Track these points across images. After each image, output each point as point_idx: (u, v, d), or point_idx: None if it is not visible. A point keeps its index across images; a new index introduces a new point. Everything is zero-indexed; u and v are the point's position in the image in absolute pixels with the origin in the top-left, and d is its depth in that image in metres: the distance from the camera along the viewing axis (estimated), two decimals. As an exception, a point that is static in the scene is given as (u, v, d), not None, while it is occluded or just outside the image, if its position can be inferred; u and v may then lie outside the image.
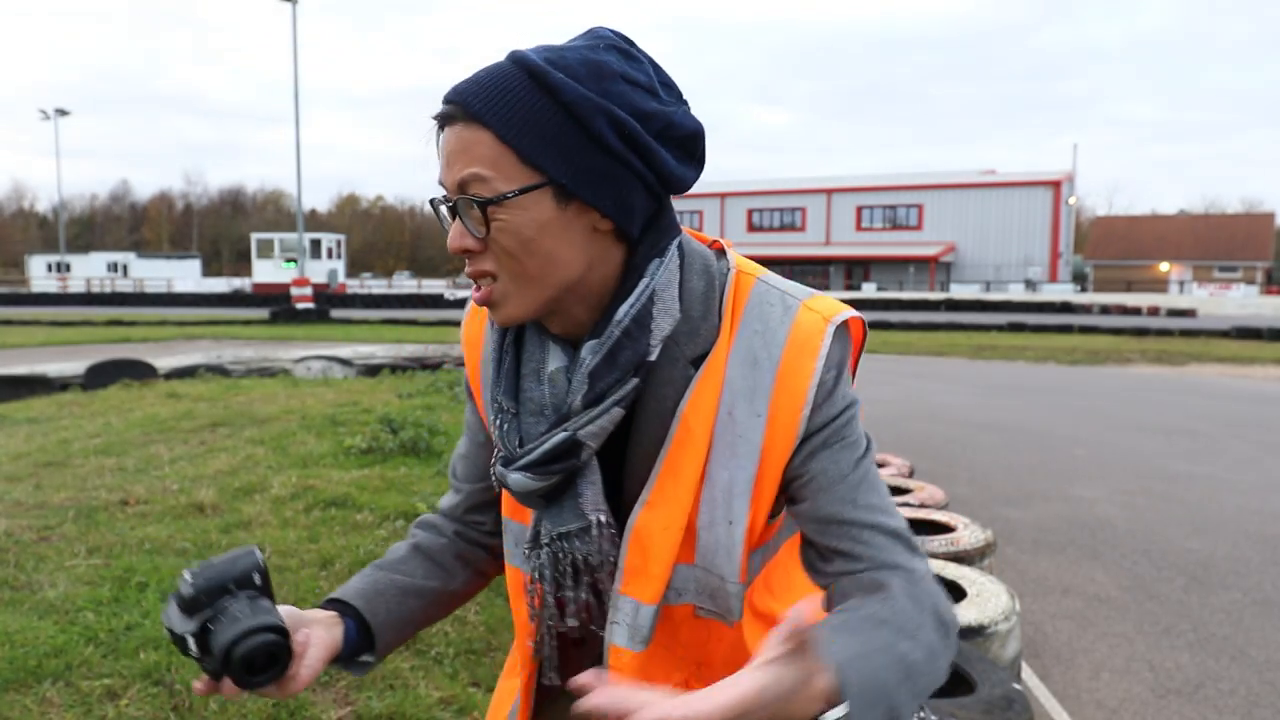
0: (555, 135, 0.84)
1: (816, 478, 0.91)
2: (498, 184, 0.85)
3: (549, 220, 0.86)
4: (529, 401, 0.94)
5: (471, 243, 0.88)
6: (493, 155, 0.84)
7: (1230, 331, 22.53)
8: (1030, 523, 5.70)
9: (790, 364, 0.89)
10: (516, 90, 0.84)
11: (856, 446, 0.93)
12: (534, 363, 0.95)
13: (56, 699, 2.59)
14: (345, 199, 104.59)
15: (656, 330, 0.89)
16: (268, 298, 37.11)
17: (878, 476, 0.94)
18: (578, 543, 0.94)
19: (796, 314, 0.91)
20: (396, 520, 4.35)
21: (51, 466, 5.43)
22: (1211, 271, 54.40)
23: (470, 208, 0.86)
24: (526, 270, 0.87)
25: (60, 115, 53.37)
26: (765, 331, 0.91)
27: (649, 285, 0.90)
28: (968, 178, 54.57)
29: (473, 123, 0.85)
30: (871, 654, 0.78)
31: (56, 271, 59.83)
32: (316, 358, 12.37)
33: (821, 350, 0.89)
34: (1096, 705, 3.31)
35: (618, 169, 0.86)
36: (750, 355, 0.90)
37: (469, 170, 0.85)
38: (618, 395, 0.89)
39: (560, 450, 0.90)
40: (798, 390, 0.89)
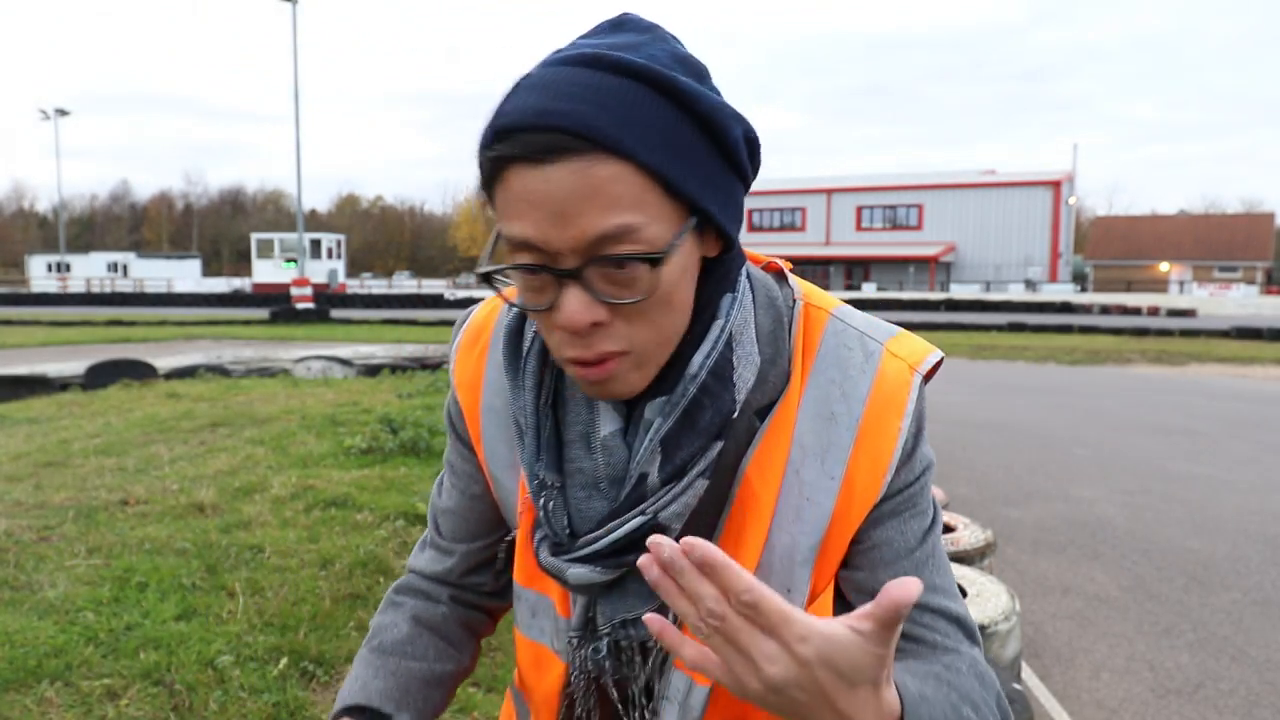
0: (700, 156, 0.68)
1: (880, 547, 0.80)
2: (652, 231, 0.66)
3: (690, 262, 0.71)
4: (578, 474, 0.78)
5: (603, 313, 0.68)
6: (639, 194, 0.65)
7: (1230, 331, 22.54)
8: (1030, 523, 5.70)
9: (873, 422, 0.78)
10: (646, 104, 0.66)
11: (925, 516, 0.82)
12: (580, 426, 0.79)
13: (56, 699, 2.59)
14: (345, 199, 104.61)
15: (740, 382, 0.75)
16: (268, 298, 37.12)
17: (944, 553, 0.83)
18: (643, 629, 0.78)
19: (880, 362, 0.79)
20: (396, 520, 4.35)
21: (51, 466, 5.43)
22: (1211, 271, 54.40)
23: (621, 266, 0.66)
24: (664, 331, 0.71)
25: (60, 115, 53.38)
26: (844, 381, 0.78)
27: (724, 328, 0.74)
28: (968, 178, 54.59)
29: (600, 153, 0.64)
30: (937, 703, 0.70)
31: (56, 271, 59.84)
32: (316, 358, 12.37)
33: (909, 407, 0.78)
34: (1096, 705, 3.31)
35: (736, 181, 0.72)
36: (825, 409, 0.78)
37: (614, 220, 0.65)
38: (701, 465, 0.74)
39: (638, 537, 0.74)
40: (882, 452, 0.78)
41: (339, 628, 3.17)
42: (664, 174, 0.66)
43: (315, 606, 3.30)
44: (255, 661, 2.87)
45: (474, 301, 8.38)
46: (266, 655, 2.91)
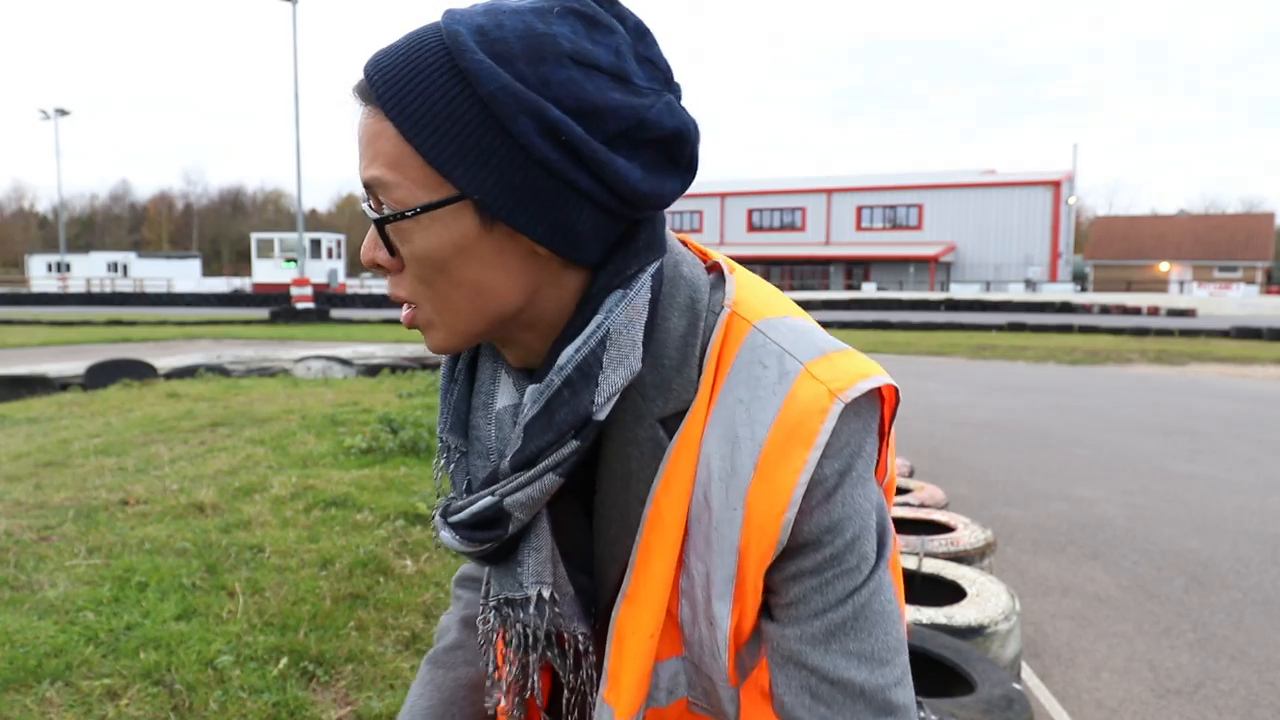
0: (472, 137, 0.64)
1: (795, 605, 0.73)
2: (403, 192, 0.67)
3: (471, 243, 0.68)
4: (476, 441, 0.78)
5: (384, 257, 0.71)
6: (398, 155, 0.66)
7: (1230, 331, 22.54)
8: (1030, 523, 5.70)
9: (775, 450, 0.69)
10: (431, 72, 0.65)
11: (853, 575, 0.72)
12: (484, 394, 0.79)
13: (56, 699, 2.59)
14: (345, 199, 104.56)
15: (604, 384, 0.70)
16: (268, 297, 37.13)
17: (880, 610, 0.73)
18: (521, 613, 0.77)
19: (793, 384, 0.70)
20: (396, 520, 4.35)
21: (51, 466, 5.43)
22: (1211, 271, 54.41)
23: (380, 218, 0.69)
24: (449, 299, 0.71)
25: (60, 115, 53.37)
26: (751, 402, 0.71)
27: (602, 325, 0.70)
28: (968, 178, 54.59)
29: (378, 109, 0.67)
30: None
31: (56, 271, 59.82)
32: (316, 358, 12.37)
33: (819, 437, 0.69)
34: (1096, 705, 3.31)
35: (552, 184, 0.66)
36: (731, 430, 0.71)
37: (372, 171, 0.68)
38: (551, 460, 0.71)
39: (486, 517, 0.74)
40: (780, 486, 0.69)
41: (339, 627, 3.17)
42: (415, 143, 0.65)
43: (315, 606, 3.30)
44: (255, 661, 2.87)
45: None
46: (266, 655, 2.92)
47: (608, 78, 0.66)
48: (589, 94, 0.65)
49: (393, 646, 3.12)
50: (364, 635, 3.14)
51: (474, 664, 0.97)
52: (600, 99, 0.65)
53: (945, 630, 2.68)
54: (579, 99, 0.65)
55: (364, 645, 3.07)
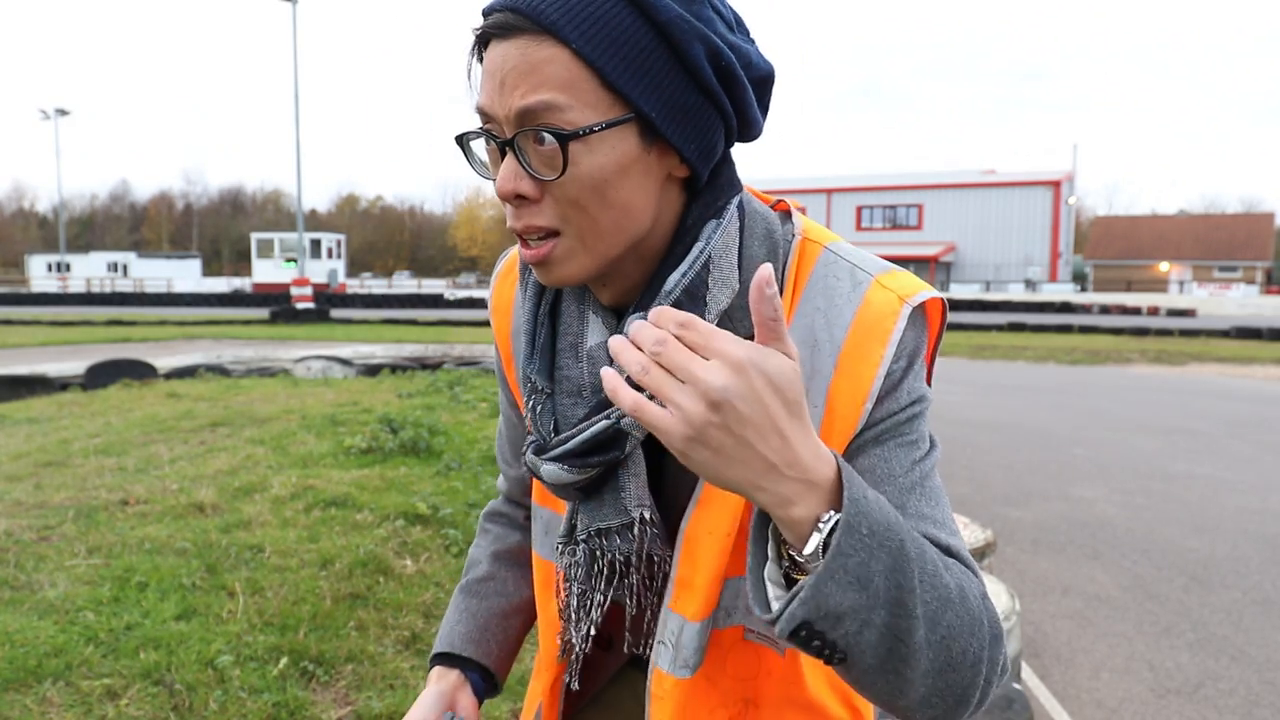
0: (647, 60, 0.70)
1: (864, 474, 0.77)
2: (575, 114, 0.70)
3: (631, 163, 0.73)
4: (565, 380, 0.81)
5: (529, 187, 0.73)
6: (570, 78, 0.70)
7: (1230, 331, 22.55)
8: (1030, 522, 5.70)
9: (855, 349, 0.77)
10: (601, 2, 0.70)
11: (915, 447, 0.79)
12: (571, 335, 0.82)
13: (56, 699, 2.59)
14: (345, 199, 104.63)
15: (712, 304, 0.77)
16: (268, 297, 37.12)
17: (939, 486, 0.80)
18: (618, 541, 0.81)
19: (867, 291, 0.78)
20: (396, 520, 4.35)
21: (51, 466, 5.43)
22: (1211, 271, 54.41)
23: (541, 141, 0.71)
24: (598, 223, 0.74)
25: (60, 115, 53.37)
26: (829, 309, 0.78)
27: (704, 250, 0.77)
28: (968, 178, 54.60)
29: (544, 36, 0.69)
30: (882, 507, 0.65)
31: (56, 271, 59.83)
32: (316, 358, 12.37)
33: (893, 335, 0.77)
34: (1096, 705, 3.31)
35: (707, 106, 0.74)
36: (810, 335, 0.78)
37: (539, 96, 0.69)
38: None
39: (601, 440, 0.77)
40: (862, 379, 0.77)
41: (339, 627, 3.17)
42: (596, 63, 0.69)
43: (315, 606, 3.30)
44: (255, 661, 2.87)
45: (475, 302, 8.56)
46: (266, 655, 2.92)
47: (726, 24, 0.75)
48: (723, 32, 0.73)
49: (393, 646, 3.12)
50: (364, 635, 3.14)
51: (506, 595, 1.05)
52: (729, 38, 0.74)
53: (945, 630, 2.68)
54: (720, 36, 0.73)
55: (364, 645, 3.07)
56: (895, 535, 0.65)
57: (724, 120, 0.76)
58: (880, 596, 0.64)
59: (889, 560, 0.64)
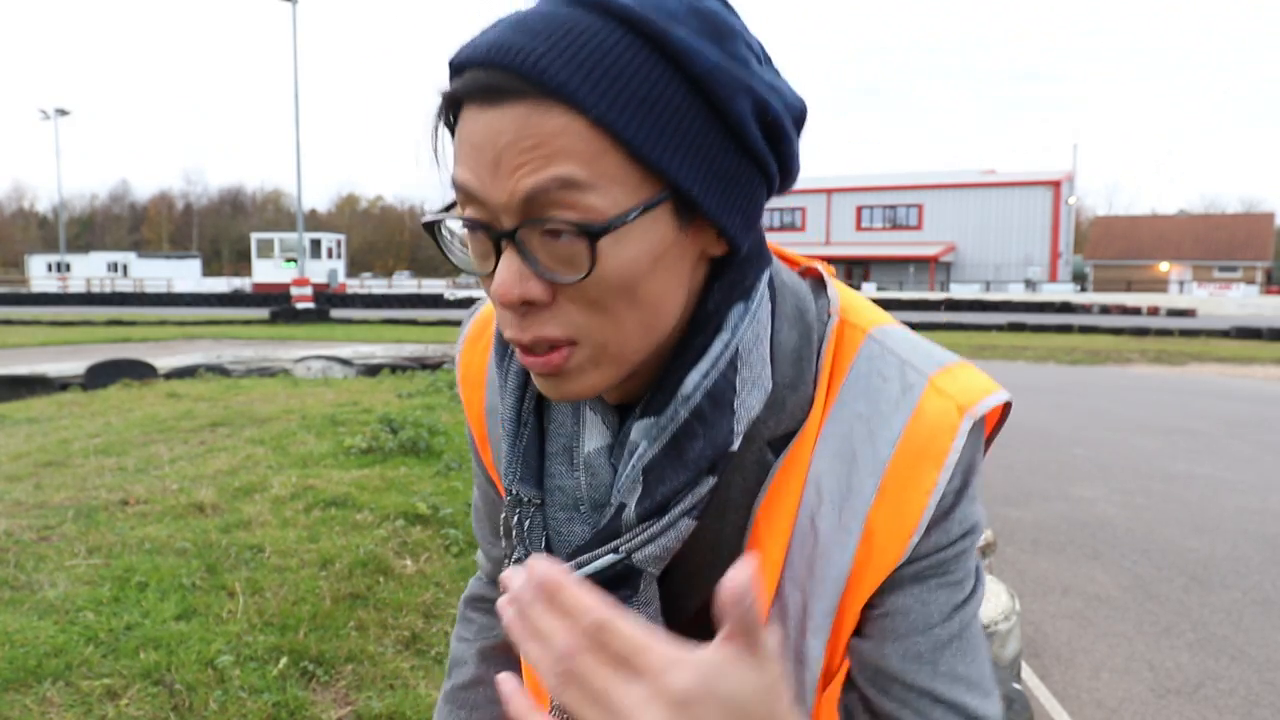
0: (683, 123, 0.55)
1: (893, 616, 0.66)
2: (598, 198, 0.55)
3: (666, 250, 0.58)
4: (557, 492, 0.68)
5: (539, 291, 0.57)
6: (590, 152, 0.54)
7: (1230, 331, 22.57)
8: (1030, 522, 5.70)
9: (903, 470, 0.64)
10: (618, 52, 0.54)
11: (959, 588, 0.67)
12: (563, 438, 0.68)
13: (56, 699, 2.59)
14: (345, 199, 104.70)
15: (742, 411, 0.62)
16: (268, 297, 37.12)
17: (978, 635, 0.68)
18: None
19: (920, 398, 0.65)
20: (396, 520, 4.35)
21: (51, 466, 5.43)
22: (1211, 271, 54.43)
23: (556, 235, 0.56)
24: (624, 325, 0.59)
25: (60, 115, 53.38)
26: (872, 418, 0.65)
27: (730, 343, 0.62)
28: (968, 178, 54.62)
29: (549, 100, 0.54)
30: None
31: (56, 271, 59.83)
32: (316, 358, 12.37)
33: (950, 457, 0.64)
34: (1096, 705, 3.31)
35: (753, 168, 0.59)
36: (848, 447, 0.65)
37: (551, 173, 0.54)
38: (688, 503, 0.63)
39: (611, 576, 0.64)
40: (910, 508, 0.64)
41: (339, 627, 3.17)
42: (623, 133, 0.54)
43: (315, 606, 3.30)
44: (255, 661, 2.87)
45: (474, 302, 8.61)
46: (266, 655, 2.92)
47: (757, 58, 0.60)
48: (759, 72, 0.58)
49: (393, 646, 3.12)
50: (364, 635, 3.14)
51: (495, 702, 0.90)
52: (770, 77, 0.59)
53: (945, 630, 2.68)
54: (759, 79, 0.58)
55: (364, 645, 3.07)
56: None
57: (768, 181, 0.62)
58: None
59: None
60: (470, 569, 3.90)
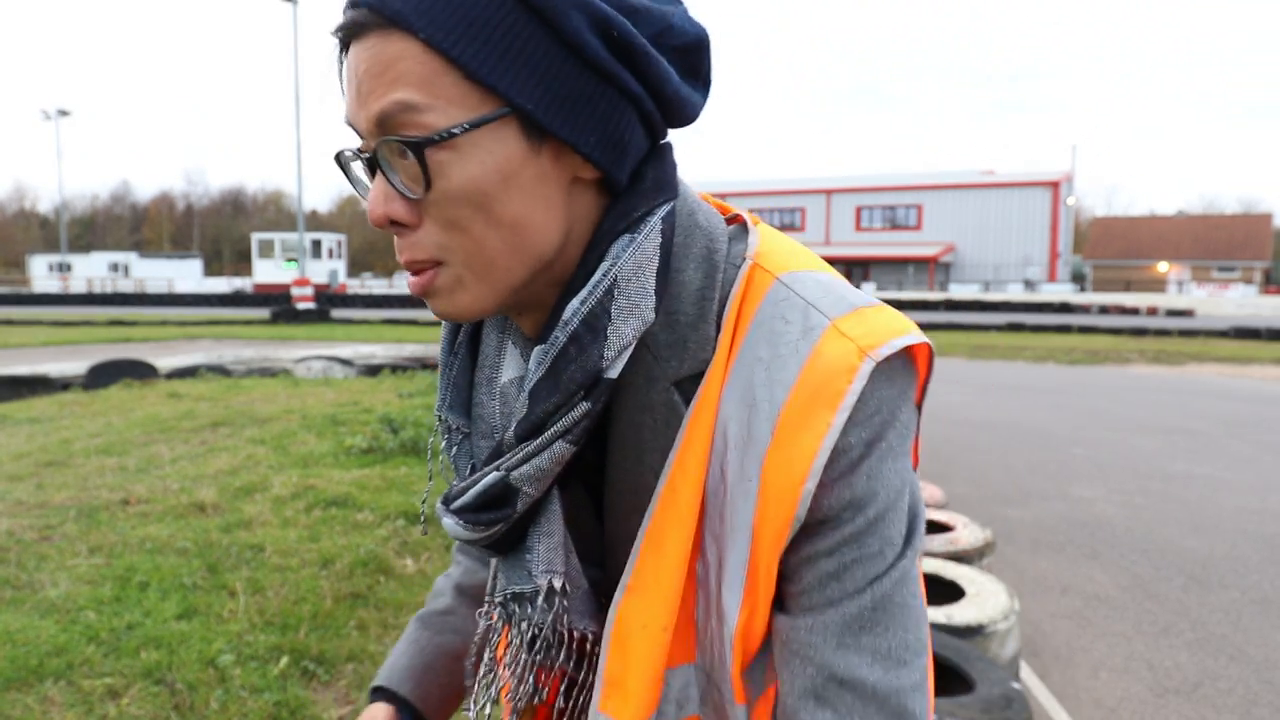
0: (516, 42, 0.58)
1: (809, 592, 0.64)
2: (435, 115, 0.58)
3: (516, 168, 0.60)
4: (480, 420, 0.71)
5: (401, 210, 0.61)
6: (425, 73, 0.58)
7: (1229, 331, 22.56)
8: (1029, 522, 5.71)
9: (796, 414, 0.61)
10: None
11: (875, 560, 0.63)
12: (488, 369, 0.71)
13: (58, 698, 2.60)
14: (346, 199, 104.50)
15: (614, 338, 0.63)
16: (269, 298, 37.16)
17: (904, 605, 0.64)
18: (529, 609, 0.69)
19: (818, 340, 0.62)
20: (397, 520, 4.36)
21: (53, 466, 5.44)
22: (1210, 271, 54.42)
23: (399, 153, 0.60)
24: (485, 245, 0.62)
25: (61, 116, 53.38)
26: (772, 361, 0.63)
27: (608, 273, 0.63)
28: (967, 178, 54.59)
29: (391, 29, 0.58)
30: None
31: (58, 271, 59.84)
32: (317, 358, 12.38)
33: (845, 399, 0.61)
34: (1095, 704, 3.32)
35: (605, 89, 0.61)
36: (749, 393, 0.63)
37: (392, 97, 0.58)
38: (560, 425, 0.64)
39: (491, 495, 0.66)
40: (800, 455, 0.61)
41: (339, 627, 3.18)
42: (452, 53, 0.57)
43: (316, 606, 3.31)
44: (256, 660, 2.88)
45: None
46: (267, 654, 2.92)
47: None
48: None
49: (393, 646, 3.13)
50: (364, 635, 3.15)
51: (461, 632, 0.94)
52: (633, 1, 0.61)
53: (944, 630, 2.69)
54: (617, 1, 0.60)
55: (364, 644, 3.08)
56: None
57: (634, 104, 0.62)
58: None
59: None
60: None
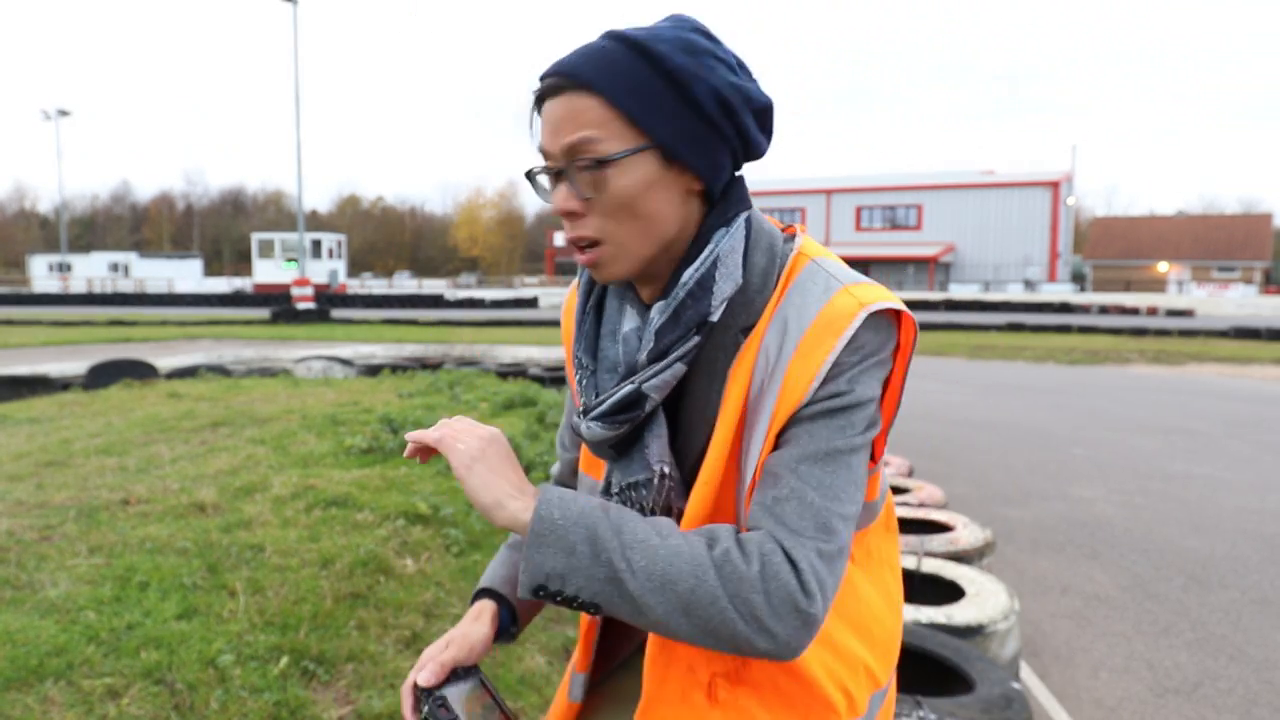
0: (660, 100, 0.93)
1: (790, 441, 0.94)
2: (607, 146, 0.93)
3: (654, 180, 0.95)
4: (604, 359, 1.03)
5: (576, 204, 0.96)
6: (602, 119, 0.93)
7: (1228, 331, 22.56)
8: (1029, 522, 5.71)
9: (813, 337, 0.93)
10: (621, 61, 0.93)
11: (840, 431, 0.93)
12: (611, 324, 1.04)
13: (58, 698, 2.60)
14: (346, 199, 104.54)
15: (718, 292, 0.97)
16: (269, 298, 37.15)
17: (850, 468, 0.94)
18: (644, 492, 1.00)
19: (834, 294, 0.95)
20: (397, 520, 4.35)
21: (53, 466, 5.44)
22: (1210, 271, 54.40)
23: (582, 169, 0.94)
24: (631, 230, 0.96)
25: (61, 116, 53.37)
26: (802, 305, 0.96)
27: (714, 251, 0.98)
28: (967, 178, 54.55)
29: (581, 90, 0.93)
30: (587, 507, 0.92)
31: (58, 271, 59.81)
32: (317, 357, 12.38)
33: (847, 331, 0.93)
34: (1095, 704, 3.32)
35: (713, 134, 0.95)
36: (783, 324, 0.96)
37: (580, 134, 0.93)
38: (680, 351, 0.97)
39: (627, 401, 0.98)
40: (813, 360, 0.93)
41: (340, 627, 3.18)
42: (622, 107, 0.92)
43: (316, 606, 3.30)
44: (256, 660, 2.88)
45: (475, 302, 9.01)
46: (267, 654, 2.92)
47: (728, 68, 0.96)
48: (724, 75, 0.95)
49: (393, 646, 3.13)
50: (364, 635, 3.15)
51: None
52: (730, 78, 0.96)
53: (944, 630, 2.69)
54: (721, 77, 0.95)
55: (364, 645, 3.08)
56: (588, 517, 0.91)
57: (728, 144, 0.97)
58: (587, 559, 0.89)
59: (585, 534, 0.89)
60: (472, 568, 3.92)
